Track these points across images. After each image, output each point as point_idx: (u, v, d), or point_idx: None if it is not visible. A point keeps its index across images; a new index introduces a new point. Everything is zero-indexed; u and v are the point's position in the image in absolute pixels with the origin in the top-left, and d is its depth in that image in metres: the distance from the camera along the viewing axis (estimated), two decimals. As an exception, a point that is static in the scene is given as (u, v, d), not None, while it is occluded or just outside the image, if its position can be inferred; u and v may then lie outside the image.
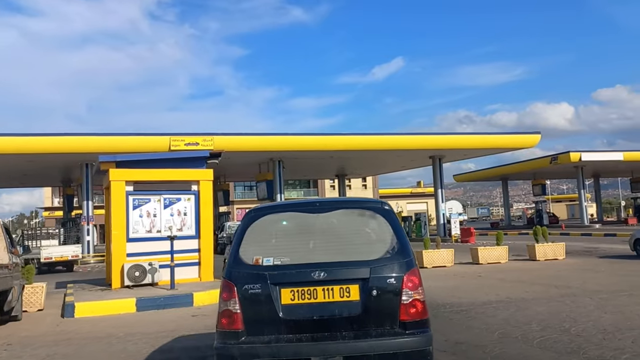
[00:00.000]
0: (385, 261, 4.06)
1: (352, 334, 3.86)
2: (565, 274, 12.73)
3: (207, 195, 12.87)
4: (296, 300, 3.93)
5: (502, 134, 30.56)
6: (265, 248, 4.20)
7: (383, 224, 4.28)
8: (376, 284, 3.95)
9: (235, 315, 3.91)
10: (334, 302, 3.93)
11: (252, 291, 3.92)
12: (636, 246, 16.54)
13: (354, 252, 4.16)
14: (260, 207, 4.52)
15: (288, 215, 4.50)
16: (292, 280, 3.96)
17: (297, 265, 4.04)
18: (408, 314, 3.93)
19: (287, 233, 4.41)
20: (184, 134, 24.73)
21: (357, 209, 4.60)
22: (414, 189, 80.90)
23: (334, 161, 32.26)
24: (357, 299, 3.93)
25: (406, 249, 4.15)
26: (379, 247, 4.16)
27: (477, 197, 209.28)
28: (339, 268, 3.98)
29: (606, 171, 51.54)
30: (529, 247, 17.07)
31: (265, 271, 3.99)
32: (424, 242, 16.41)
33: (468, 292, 10.54)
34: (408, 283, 3.98)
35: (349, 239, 4.33)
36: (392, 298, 3.95)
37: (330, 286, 3.94)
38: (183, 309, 10.10)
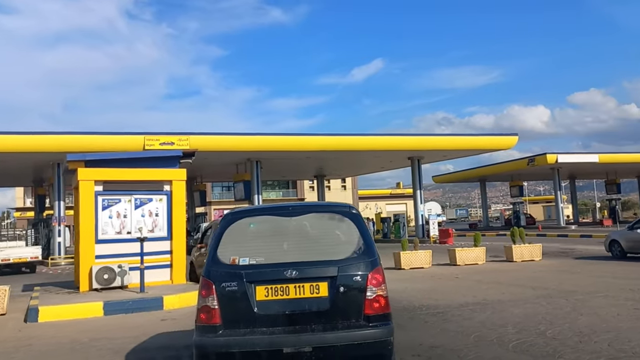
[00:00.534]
0: (352, 261, 4.41)
1: (321, 326, 4.21)
2: (541, 275, 12.70)
3: (179, 196, 12.53)
4: (270, 296, 4.26)
5: (480, 136, 30.71)
6: (242, 249, 4.49)
7: (351, 226, 4.63)
8: (343, 281, 4.30)
9: (214, 311, 4.22)
10: (305, 298, 4.26)
11: (229, 288, 4.25)
12: (611, 247, 16.64)
13: (324, 253, 4.51)
14: (237, 211, 4.87)
15: (263, 218, 4.90)
16: (266, 278, 4.28)
17: (271, 264, 4.37)
18: (372, 309, 4.28)
19: (262, 235, 4.71)
20: (159, 133, 24.28)
21: (327, 212, 5.01)
22: (394, 190, 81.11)
23: (312, 162, 32.06)
24: (325, 295, 4.28)
25: (371, 250, 4.51)
26: (347, 248, 4.52)
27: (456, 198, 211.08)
28: (309, 267, 4.33)
29: (582, 173, 52.24)
30: (506, 248, 17.07)
31: (242, 270, 4.31)
32: (401, 244, 16.27)
33: (445, 294, 10.40)
34: (372, 280, 4.34)
35: (319, 240, 4.71)
36: (357, 294, 4.30)
37: (301, 283, 4.27)
38: (153, 313, 9.77)
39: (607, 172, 49.29)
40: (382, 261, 13.90)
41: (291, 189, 67.66)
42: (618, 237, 16.49)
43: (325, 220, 4.88)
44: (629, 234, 16.06)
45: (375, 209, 60.53)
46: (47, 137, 22.89)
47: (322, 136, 27.65)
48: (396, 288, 11.49)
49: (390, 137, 28.87)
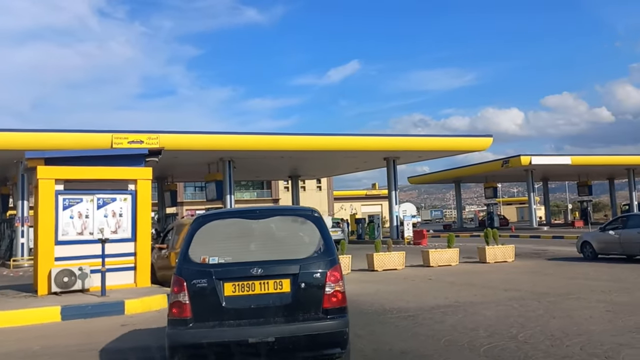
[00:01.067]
0: (313, 260, 4.81)
1: (283, 319, 4.59)
2: (514, 277, 12.60)
3: (145, 196, 12.08)
4: (237, 292, 4.63)
5: (456, 137, 30.79)
6: (212, 249, 4.84)
7: (313, 228, 5.03)
8: (304, 278, 4.70)
9: (185, 306, 4.57)
10: (269, 294, 4.65)
11: (199, 285, 4.61)
12: (583, 249, 16.70)
13: (287, 252, 4.93)
14: (207, 214, 5.32)
15: (232, 221, 5.30)
16: (233, 275, 4.66)
17: (238, 263, 4.75)
18: (330, 303, 4.71)
19: (230, 236, 5.08)
20: (128, 131, 23.62)
21: (291, 215, 5.49)
22: (369, 191, 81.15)
23: (286, 162, 31.69)
24: (288, 291, 4.67)
25: (330, 250, 4.93)
26: (308, 248, 4.93)
27: (431, 199, 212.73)
28: (273, 265, 4.72)
29: (555, 175, 52.96)
30: (480, 249, 16.99)
31: (211, 268, 4.68)
32: (375, 245, 16.04)
33: (417, 296, 10.19)
34: (331, 277, 4.75)
35: (284, 241, 5.14)
36: (317, 290, 4.71)
37: (266, 280, 4.65)
38: (113, 318, 9.31)
39: (579, 174, 50.03)
40: (356, 263, 13.65)
41: (265, 189, 67.14)
42: (590, 239, 16.56)
43: (289, 222, 5.32)
44: (601, 236, 16.13)
45: (351, 210, 60.40)
46: (11, 135, 22.06)
47: (296, 136, 27.30)
48: (368, 291, 11.25)
49: (365, 137, 28.68)
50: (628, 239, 15.02)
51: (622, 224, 15.67)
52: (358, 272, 15.34)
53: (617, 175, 54.27)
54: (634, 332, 6.39)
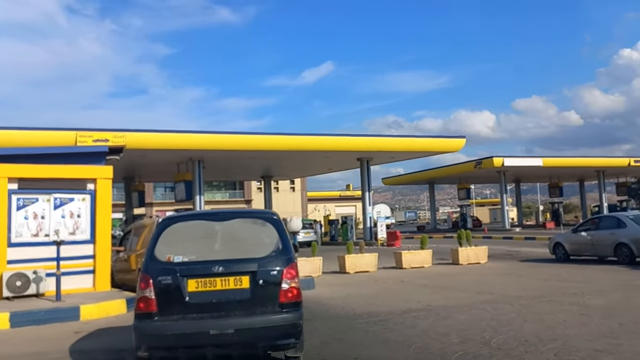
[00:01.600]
0: (271, 258, 5.17)
1: (242, 312, 4.95)
2: (487, 279, 12.39)
3: (105, 196, 11.50)
4: (200, 288, 4.98)
5: (429, 137, 30.65)
6: (176, 248, 5.16)
7: (271, 230, 5.41)
8: (262, 275, 5.06)
9: (151, 301, 4.90)
10: (229, 290, 5.00)
11: (164, 282, 4.94)
12: (555, 250, 16.65)
13: (247, 252, 5.27)
14: (172, 216, 5.83)
15: (196, 222, 5.69)
16: (196, 273, 4.99)
17: (201, 261, 5.09)
18: (286, 297, 5.05)
19: (194, 237, 5.40)
20: (93, 129, 22.83)
21: (251, 218, 5.92)
22: (343, 192, 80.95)
23: (258, 162, 31.17)
24: (247, 287, 5.02)
25: (287, 249, 5.30)
26: (267, 248, 5.27)
27: (406, 200, 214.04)
28: (234, 263, 5.08)
29: (526, 176, 53.54)
30: (453, 250, 16.81)
31: (176, 266, 5.01)
32: (347, 247, 15.68)
33: (389, 300, 9.87)
34: (287, 275, 5.09)
35: (244, 241, 5.44)
36: (274, 286, 5.06)
37: (226, 277, 5.00)
38: (68, 324, 8.75)
39: (550, 176, 50.66)
40: (327, 265, 13.22)
41: (238, 190, 66.29)
42: (562, 240, 16.52)
43: (250, 224, 5.67)
44: (573, 237, 16.10)
45: (324, 211, 60.07)
46: (-32, 132, 21.07)
47: (268, 135, 26.82)
48: (339, 294, 10.90)
49: (338, 138, 28.33)
50: (600, 241, 15.00)
51: (594, 226, 15.66)
52: (330, 274, 14.98)
53: (587, 177, 55.13)
54: (609, 336, 6.16)
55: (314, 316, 8.39)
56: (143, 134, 23.85)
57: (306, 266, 14.39)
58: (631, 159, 45.89)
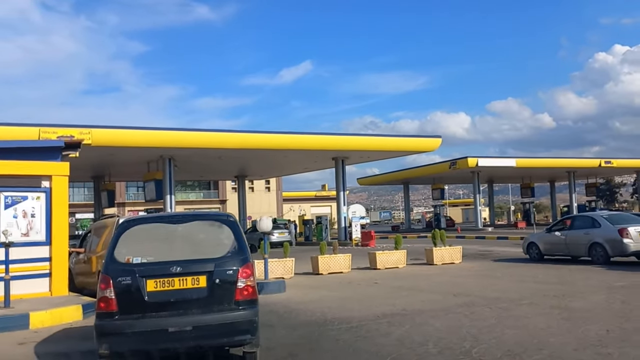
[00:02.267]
0: (227, 258, 5.38)
1: (199, 310, 5.13)
2: (463, 280, 12.05)
3: (61, 194, 10.77)
4: (158, 288, 5.14)
5: (405, 137, 30.43)
6: (136, 250, 5.34)
7: (227, 231, 5.63)
8: (219, 275, 5.25)
9: (111, 300, 5.06)
10: (187, 289, 5.17)
11: (124, 282, 5.10)
12: (529, 250, 16.45)
13: (204, 252, 5.47)
14: (132, 219, 6.04)
15: (155, 225, 5.93)
16: (155, 273, 5.16)
17: (160, 262, 5.26)
18: (242, 295, 5.25)
19: (153, 238, 5.63)
20: (58, 125, 21.89)
21: (208, 220, 6.08)
22: (319, 192, 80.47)
23: (231, 161, 30.48)
24: (204, 286, 5.20)
25: (243, 250, 5.50)
26: (223, 248, 5.48)
27: (381, 201, 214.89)
28: (191, 264, 5.26)
29: (499, 177, 53.92)
30: (427, 251, 16.48)
31: (135, 267, 5.19)
32: (320, 247, 15.19)
33: (362, 303, 9.40)
34: (243, 274, 5.29)
35: (201, 242, 5.64)
36: (230, 284, 5.25)
37: (184, 277, 5.17)
38: (15, 333, 8.02)
39: (522, 176, 51.08)
40: (300, 266, 12.67)
41: (212, 189, 65.29)
42: (536, 240, 16.33)
43: (207, 226, 5.89)
44: (547, 237, 15.92)
45: (299, 211, 59.53)
46: None
47: (242, 133, 26.17)
48: (310, 297, 10.41)
49: (313, 136, 27.82)
50: (574, 240, 14.83)
51: (568, 225, 15.50)
52: (302, 275, 14.48)
53: (557, 178, 55.86)
54: (597, 345, 5.77)
55: (283, 323, 7.89)
56: (110, 131, 23.01)
57: (278, 268, 13.88)
58: (601, 160, 46.58)
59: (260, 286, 11.10)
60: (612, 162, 47.07)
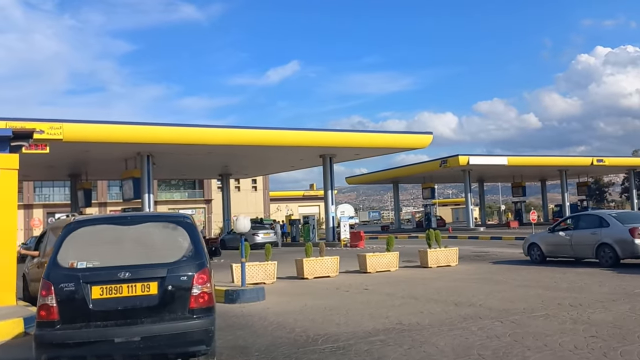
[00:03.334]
0: (181, 263, 5.09)
1: (150, 319, 4.85)
2: (462, 286, 10.88)
3: (9, 190, 9.46)
4: (104, 295, 4.84)
5: (395, 133, 29.16)
6: (81, 254, 5.04)
7: (183, 234, 5.31)
8: (172, 281, 4.96)
9: (52, 308, 4.77)
10: (136, 296, 4.89)
11: (67, 289, 4.80)
12: (530, 251, 15.35)
13: (156, 256, 5.16)
14: (79, 220, 5.55)
15: (103, 227, 5.51)
16: (101, 279, 4.87)
17: (107, 267, 4.97)
18: (197, 303, 4.97)
19: (101, 241, 5.25)
20: (25, 119, 20.44)
21: (163, 222, 5.67)
22: (307, 192, 79.15)
23: (214, 159, 29.16)
24: (155, 293, 4.91)
25: (200, 254, 5.21)
26: (178, 252, 5.17)
27: (369, 201, 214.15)
28: (141, 269, 4.98)
29: (490, 176, 53.07)
30: (421, 252, 15.34)
31: (79, 272, 4.90)
32: (305, 249, 13.95)
33: (350, 315, 8.19)
34: (199, 280, 5.02)
35: (154, 246, 5.31)
36: (184, 291, 4.97)
37: (133, 283, 4.89)
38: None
39: (513, 175, 50.24)
40: (285, 269, 11.24)
41: (198, 189, 63.78)
42: (537, 241, 15.22)
43: (160, 228, 5.50)
44: (550, 237, 14.81)
45: (287, 211, 58.27)
46: None
47: (224, 129, 24.90)
48: (292, 307, 9.18)
49: (300, 132, 26.57)
50: (580, 241, 13.74)
51: (573, 225, 14.42)
52: (285, 280, 13.26)
53: (549, 176, 55.15)
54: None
55: (257, 342, 6.65)
56: (83, 125, 21.65)
57: (258, 272, 12.65)
58: (594, 159, 45.94)
59: (236, 294, 9.85)
60: (604, 161, 46.45)
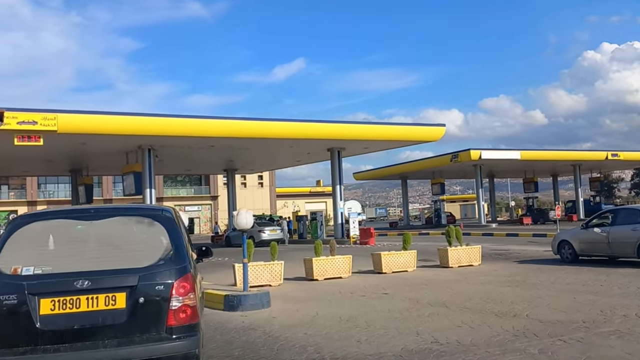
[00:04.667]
0: (157, 268, 4.08)
1: (115, 341, 3.88)
2: (494, 290, 9.62)
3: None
4: (56, 310, 3.87)
5: (407, 125, 27.92)
6: (28, 257, 4.06)
7: (160, 231, 4.30)
8: (144, 291, 3.97)
9: None
10: (98, 311, 3.90)
11: (7, 302, 3.84)
12: (561, 249, 14.06)
13: (125, 260, 4.13)
14: (27, 214, 4.50)
15: (58, 222, 4.42)
16: (52, 290, 3.90)
17: (60, 274, 3.98)
18: (176, 319, 3.98)
19: (55, 241, 4.25)
20: (18, 109, 19.36)
21: (134, 216, 4.56)
22: (313, 188, 77.99)
23: (218, 152, 27.97)
24: (123, 307, 3.93)
25: (181, 256, 4.20)
26: (153, 254, 4.15)
27: (375, 197, 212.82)
28: (105, 276, 3.98)
29: (501, 171, 51.72)
30: (441, 251, 14.09)
31: (23, 281, 3.91)
32: (314, 247, 12.71)
33: (373, 330, 6.91)
34: (179, 289, 4.02)
35: (122, 246, 4.28)
36: (160, 304, 3.98)
37: (94, 295, 3.91)
38: None
39: (525, 170, 48.88)
40: (293, 269, 9.23)
41: (204, 185, 62.82)
42: (569, 238, 13.92)
43: (132, 224, 4.47)
44: (583, 234, 13.50)
45: (293, 207, 57.14)
46: None
47: (228, 120, 23.67)
48: (301, 317, 7.94)
49: (307, 124, 25.30)
50: (618, 238, 12.43)
51: (610, 220, 13.11)
52: (293, 281, 12.07)
53: (561, 172, 53.73)
54: None
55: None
56: (79, 116, 20.54)
57: (264, 273, 11.46)
58: (608, 153, 44.68)
59: (237, 300, 8.61)
60: (619, 155, 45.20)
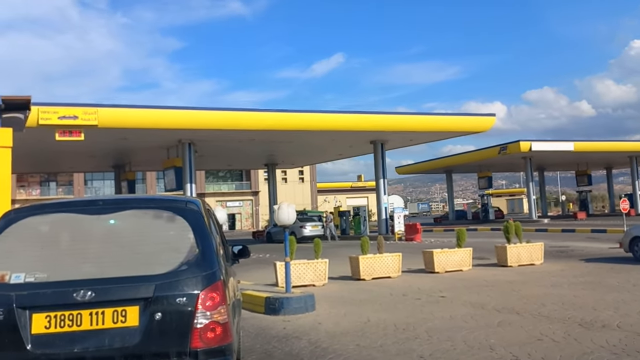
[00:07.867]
0: (178, 275, 3.23)
1: None
2: (568, 294, 8.50)
3: (2, 170, 7.79)
4: (52, 328, 3.09)
5: (454, 115, 26.64)
6: (19, 261, 3.29)
7: (183, 228, 3.41)
8: (162, 304, 3.14)
9: None
10: (104, 330, 3.10)
11: None
12: (632, 247, 12.74)
13: (139, 265, 3.27)
14: (23, 208, 3.65)
15: (57, 217, 3.51)
16: (47, 302, 3.11)
17: (57, 282, 3.17)
18: (203, 340, 3.13)
19: (53, 241, 3.44)
20: (59, 104, 19.22)
21: (152, 209, 3.62)
22: (354, 183, 77.02)
23: (258, 146, 27.39)
24: (135, 325, 3.12)
25: (209, 259, 3.33)
26: (174, 257, 3.29)
27: (417, 193, 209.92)
28: (113, 286, 3.15)
29: (551, 164, 49.41)
30: (499, 248, 12.97)
31: (12, 291, 3.13)
32: (361, 244, 11.82)
33: (436, 341, 5.98)
34: (206, 302, 3.18)
35: (135, 247, 3.39)
36: (182, 321, 3.14)
37: (100, 309, 3.11)
38: None
39: (578, 162, 46.48)
40: (336, 267, 8.12)
41: (245, 181, 62.74)
42: (644, 234, 12.59)
43: (148, 219, 3.51)
44: (661, 230, 12.16)
45: (335, 202, 56.31)
46: None
47: (268, 112, 23.02)
48: (351, 323, 7.06)
49: (349, 115, 24.39)
50: None
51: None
52: (338, 281, 11.24)
53: (616, 164, 50.97)
54: None
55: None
56: (119, 110, 20.28)
57: (307, 272, 10.67)
58: (668, 143, 41.84)
59: (279, 303, 7.80)
60: (678, 146, 42.25)
